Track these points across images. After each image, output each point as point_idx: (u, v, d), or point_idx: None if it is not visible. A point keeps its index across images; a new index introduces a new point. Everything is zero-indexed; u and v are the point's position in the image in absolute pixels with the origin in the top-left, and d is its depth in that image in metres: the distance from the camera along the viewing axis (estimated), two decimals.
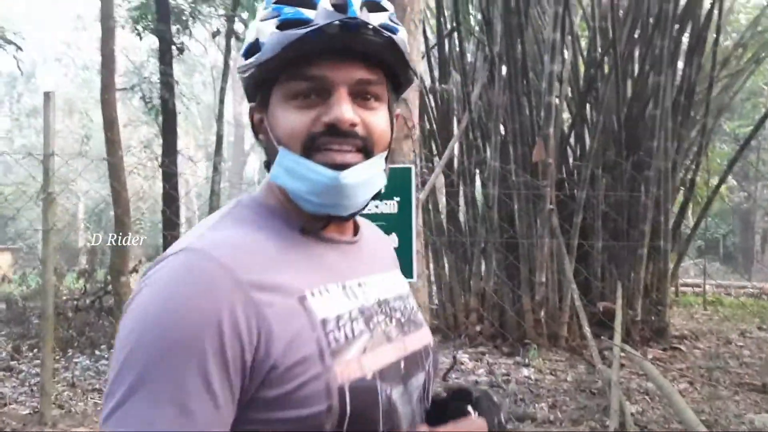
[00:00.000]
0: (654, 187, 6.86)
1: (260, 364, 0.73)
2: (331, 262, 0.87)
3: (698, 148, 8.02)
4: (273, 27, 0.81)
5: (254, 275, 0.76)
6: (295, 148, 0.82)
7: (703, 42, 7.42)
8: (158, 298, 0.73)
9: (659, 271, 7.24)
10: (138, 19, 8.21)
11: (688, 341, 7.38)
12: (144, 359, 0.69)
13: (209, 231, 0.81)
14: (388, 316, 0.89)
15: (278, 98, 0.84)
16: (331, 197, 0.83)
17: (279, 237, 0.84)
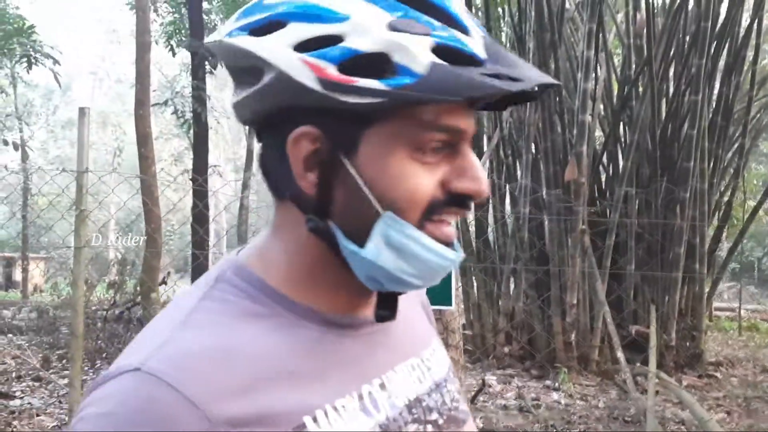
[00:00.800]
0: (690, 209, 6.70)
1: None
2: (346, 359, 0.65)
3: (735, 169, 7.84)
4: (428, 52, 0.56)
5: (232, 405, 0.55)
6: (411, 218, 0.60)
7: (742, 61, 7.27)
8: None
9: (694, 295, 7.06)
10: (171, 34, 8.33)
11: (724, 368, 7.16)
12: None
13: (177, 331, 0.58)
14: (422, 423, 0.68)
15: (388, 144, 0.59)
16: (435, 280, 0.63)
17: (276, 333, 0.61)
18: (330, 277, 0.65)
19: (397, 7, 0.58)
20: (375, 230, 0.60)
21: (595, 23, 6.41)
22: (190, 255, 7.50)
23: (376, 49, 0.56)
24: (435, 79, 0.55)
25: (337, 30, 0.57)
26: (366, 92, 0.56)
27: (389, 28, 0.56)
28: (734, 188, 7.83)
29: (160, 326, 0.61)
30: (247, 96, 0.63)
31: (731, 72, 7.14)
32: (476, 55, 0.58)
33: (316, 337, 0.63)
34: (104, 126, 25.95)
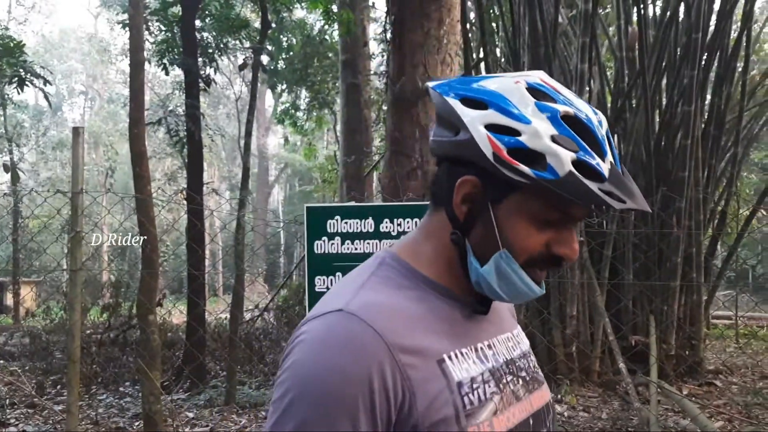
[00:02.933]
0: (686, 218, 6.74)
1: (404, 422, 0.81)
2: (465, 326, 0.94)
3: (728, 178, 7.90)
4: (570, 164, 0.82)
5: (401, 339, 0.83)
6: (518, 259, 0.88)
7: (732, 72, 7.36)
8: (317, 357, 0.81)
9: (692, 303, 7.08)
10: (164, 52, 8.32)
11: (723, 376, 7.16)
12: (304, 409, 0.79)
13: (359, 291, 0.88)
14: (515, 376, 0.96)
15: (520, 208, 0.87)
16: (520, 300, 0.92)
17: (421, 301, 0.90)
18: (459, 272, 0.93)
19: (562, 126, 0.84)
20: (493, 259, 0.88)
21: (588, 37, 6.47)
22: (186, 275, 7.44)
23: (538, 149, 0.83)
24: (567, 183, 0.81)
25: (518, 127, 0.84)
26: (521, 174, 0.83)
27: (551, 140, 0.83)
28: (728, 197, 7.88)
29: (343, 289, 0.90)
30: (444, 140, 0.91)
31: (722, 82, 7.22)
32: (602, 173, 0.83)
33: (448, 308, 0.92)
34: (96, 146, 25.84)
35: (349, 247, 2.79)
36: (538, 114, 0.84)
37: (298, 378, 0.81)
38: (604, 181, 0.83)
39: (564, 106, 0.85)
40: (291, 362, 0.83)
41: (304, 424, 0.79)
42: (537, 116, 0.84)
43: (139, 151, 4.60)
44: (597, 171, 0.82)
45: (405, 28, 3.28)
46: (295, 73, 11.10)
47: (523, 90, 0.86)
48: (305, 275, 2.79)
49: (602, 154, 0.84)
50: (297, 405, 0.80)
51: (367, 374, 0.79)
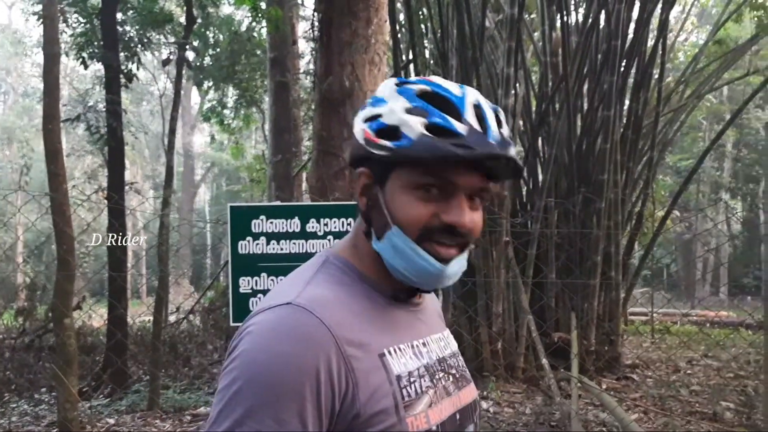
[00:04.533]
0: (605, 219, 6.99)
1: (346, 412, 0.85)
2: (403, 323, 0.99)
3: (645, 180, 8.25)
4: (422, 127, 0.88)
5: (346, 332, 0.88)
6: (411, 234, 0.91)
7: (649, 78, 7.69)
8: (266, 346, 0.84)
9: (611, 301, 7.35)
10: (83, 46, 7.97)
11: (640, 370, 7.48)
12: (252, 398, 0.81)
13: (306, 287, 0.92)
14: (446, 373, 1.02)
15: (401, 182, 0.92)
16: (430, 282, 0.95)
17: (363, 298, 0.96)
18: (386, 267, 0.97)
19: (414, 99, 0.92)
20: (386, 236, 0.94)
21: (514, 41, 6.62)
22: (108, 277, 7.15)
23: (394, 123, 0.91)
24: (419, 144, 0.88)
25: (379, 110, 0.94)
26: (384, 148, 0.91)
27: (405, 112, 0.91)
28: (645, 199, 8.23)
29: (290, 285, 0.94)
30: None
31: (640, 88, 7.53)
32: (456, 130, 0.88)
33: (384, 305, 0.98)
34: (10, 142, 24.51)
35: (275, 248, 2.73)
36: (395, 96, 0.94)
37: (247, 366, 0.83)
38: (459, 137, 0.88)
39: (422, 85, 0.94)
40: (239, 352, 0.85)
41: (251, 410, 0.81)
42: (394, 97, 0.93)
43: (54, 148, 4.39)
44: (449, 129, 0.88)
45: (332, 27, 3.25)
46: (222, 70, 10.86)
47: (390, 84, 0.97)
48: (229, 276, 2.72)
49: (459, 117, 0.90)
50: (244, 392, 0.82)
51: (315, 364, 0.83)
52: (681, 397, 6.27)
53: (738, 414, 5.57)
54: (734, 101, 16.71)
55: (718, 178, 18.93)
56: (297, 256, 2.69)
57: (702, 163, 9.10)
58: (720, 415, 5.56)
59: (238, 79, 10.97)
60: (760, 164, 17.81)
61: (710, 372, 7.70)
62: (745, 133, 17.77)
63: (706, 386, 6.82)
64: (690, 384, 6.91)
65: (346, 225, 2.72)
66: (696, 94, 9.12)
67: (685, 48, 13.88)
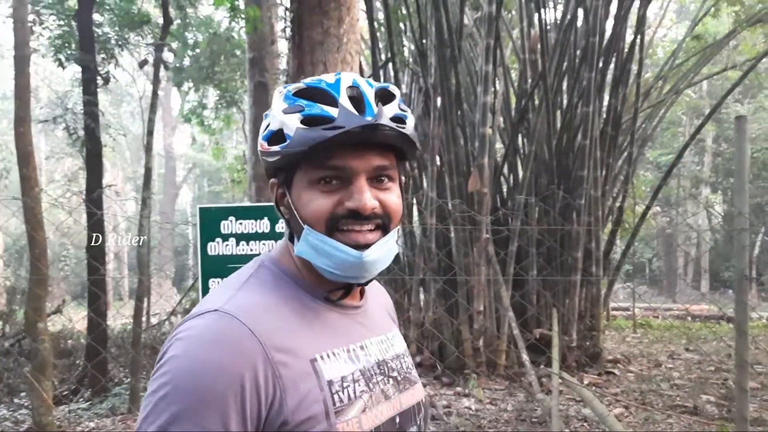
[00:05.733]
0: (585, 215, 7.02)
1: (273, 419, 0.84)
2: (339, 326, 0.98)
3: (625, 176, 8.30)
4: (298, 122, 0.90)
5: (275, 338, 0.87)
6: (320, 228, 0.92)
7: (627, 74, 7.72)
8: (192, 353, 0.83)
9: (592, 296, 7.39)
10: (60, 47, 7.88)
11: (621, 365, 7.53)
12: (176, 404, 0.80)
13: (237, 292, 0.92)
14: (386, 376, 1.00)
15: (302, 181, 0.94)
16: (355, 272, 0.94)
17: (296, 302, 0.95)
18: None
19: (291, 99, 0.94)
20: (302, 238, 0.95)
21: (493, 39, 6.62)
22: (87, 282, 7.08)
23: (278, 127, 0.93)
24: (296, 138, 0.90)
25: (267, 121, 0.97)
26: (273, 154, 0.94)
27: (283, 113, 0.93)
28: (625, 194, 8.27)
29: (223, 291, 0.93)
30: None
31: (618, 85, 7.57)
32: (328, 115, 0.90)
33: (319, 309, 0.97)
34: None
35: (245, 249, 2.72)
36: (277, 101, 0.96)
37: (173, 373, 0.83)
38: (332, 121, 0.89)
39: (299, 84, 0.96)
40: (167, 358, 0.85)
41: (174, 418, 0.80)
42: (276, 103, 0.96)
43: (26, 151, 4.33)
44: (323, 116, 0.90)
45: (304, 26, 3.23)
46: (201, 71, 10.78)
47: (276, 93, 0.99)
48: (199, 278, 2.70)
49: (333, 103, 0.91)
50: (170, 398, 0.81)
51: (239, 371, 0.82)
52: (662, 392, 6.31)
53: (719, 407, 5.62)
54: (713, 96, 16.87)
55: (698, 173, 19.12)
56: None
57: (682, 158, 9.17)
58: (701, 409, 5.60)
59: (218, 80, 10.89)
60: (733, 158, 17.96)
61: (691, 366, 7.76)
62: (725, 127, 17.95)
63: (687, 380, 6.88)
64: (671, 378, 6.96)
65: None
66: (675, 90, 9.18)
67: (664, 44, 13.99)
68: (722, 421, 5.23)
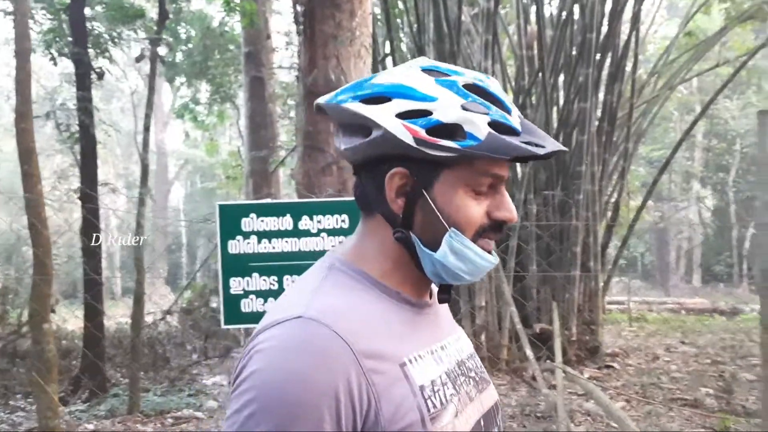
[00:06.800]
0: (583, 210, 7.05)
1: (370, 429, 0.80)
2: (420, 327, 0.93)
3: (620, 171, 8.33)
4: (486, 125, 0.84)
5: (363, 343, 0.82)
6: (468, 234, 0.88)
7: (623, 71, 7.76)
8: (280, 365, 0.78)
9: (590, 290, 7.43)
10: (51, 42, 7.78)
11: (620, 359, 7.57)
12: (267, 422, 0.76)
13: (315, 296, 0.86)
14: (467, 377, 0.96)
15: (455, 183, 0.87)
16: (479, 276, 0.92)
17: (376, 304, 0.89)
18: (407, 271, 0.92)
19: (466, 94, 0.86)
20: (444, 241, 0.88)
21: (491, 35, 6.62)
22: (83, 279, 6.99)
23: (453, 121, 0.85)
24: (490, 143, 0.84)
25: (428, 107, 0.85)
26: (445, 149, 0.85)
27: (462, 109, 0.85)
28: (621, 189, 8.31)
29: (296, 296, 0.87)
30: (357, 145, 0.89)
31: (614, 81, 7.60)
32: (516, 128, 0.87)
33: (400, 310, 0.91)
34: None
35: (266, 246, 2.65)
36: (441, 89, 0.87)
37: (260, 388, 0.78)
38: (519, 134, 0.87)
39: (460, 76, 0.89)
40: (250, 372, 0.79)
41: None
42: (441, 92, 0.86)
43: (28, 147, 4.27)
44: (510, 126, 0.87)
45: (315, 20, 3.21)
46: (194, 65, 10.69)
47: (419, 73, 0.89)
48: (219, 277, 2.64)
49: (508, 111, 0.88)
50: (259, 416, 0.76)
51: (333, 382, 0.77)
52: (662, 385, 6.36)
53: (718, 399, 5.67)
54: (704, 92, 17.00)
55: (689, 168, 19.28)
56: (289, 254, 2.62)
57: (675, 154, 9.23)
58: (700, 402, 5.65)
59: (211, 75, 10.81)
60: (731, 153, 18.16)
61: (688, 358, 7.82)
62: (715, 123, 18.10)
63: (685, 373, 6.93)
64: (669, 371, 7.01)
65: (340, 222, 2.65)
66: (668, 86, 9.23)
67: (656, 40, 14.06)
68: (722, 413, 5.28)
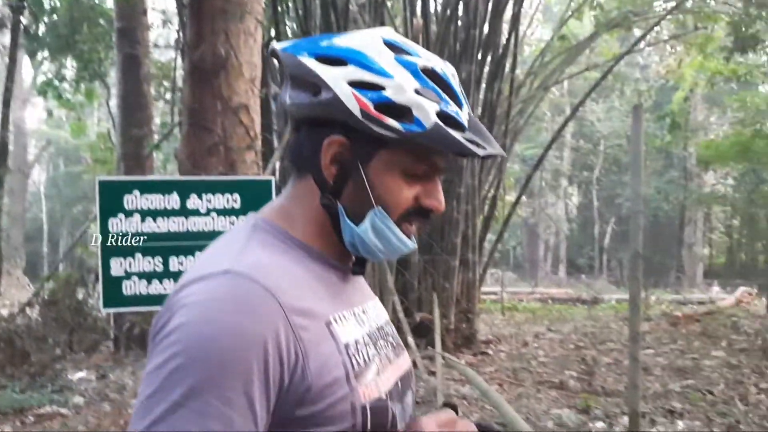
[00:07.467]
0: (464, 203, 7.28)
1: (297, 385, 0.79)
2: (343, 290, 0.94)
3: (498, 167, 8.69)
4: (435, 115, 0.84)
5: (291, 300, 0.80)
6: (393, 216, 0.88)
7: (502, 69, 8.07)
8: (210, 317, 0.75)
9: (468, 281, 7.69)
10: None
11: (493, 345, 7.93)
12: (194, 375, 0.73)
13: (242, 253, 0.84)
14: (386, 341, 0.97)
15: (390, 163, 0.88)
16: (395, 256, 0.95)
17: (302, 265, 0.88)
18: (330, 236, 0.92)
19: (423, 79, 0.85)
20: (368, 217, 0.88)
21: (378, 25, 6.65)
22: None
23: (404, 103, 0.84)
24: (435, 134, 0.83)
25: (382, 82, 0.84)
26: (389, 128, 0.84)
27: (415, 92, 0.84)
28: (498, 184, 8.67)
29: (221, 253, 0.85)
30: (303, 102, 0.88)
31: (494, 79, 7.89)
32: (463, 123, 0.86)
33: (322, 272, 0.91)
34: None
35: (151, 226, 2.48)
36: (399, 68, 0.85)
37: (187, 341, 0.74)
38: (465, 131, 0.86)
39: (421, 59, 0.87)
40: (175, 326, 0.76)
41: (191, 391, 0.72)
42: (398, 70, 0.85)
43: None
44: (458, 121, 0.86)
45: None
46: (59, 39, 9.89)
47: (381, 45, 0.87)
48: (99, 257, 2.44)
49: (459, 105, 0.88)
50: (186, 370, 0.73)
51: (262, 334, 0.76)
52: (531, 369, 6.73)
53: (580, 381, 6.08)
54: (573, 94, 18.16)
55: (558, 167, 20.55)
56: (177, 235, 2.45)
57: (547, 152, 9.77)
58: (566, 383, 6.03)
59: (79, 50, 10.05)
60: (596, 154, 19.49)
61: (554, 344, 8.33)
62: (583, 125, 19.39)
63: (551, 358, 7.37)
64: (537, 356, 7.43)
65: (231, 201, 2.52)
66: (542, 87, 9.73)
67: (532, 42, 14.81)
68: (584, 393, 5.67)
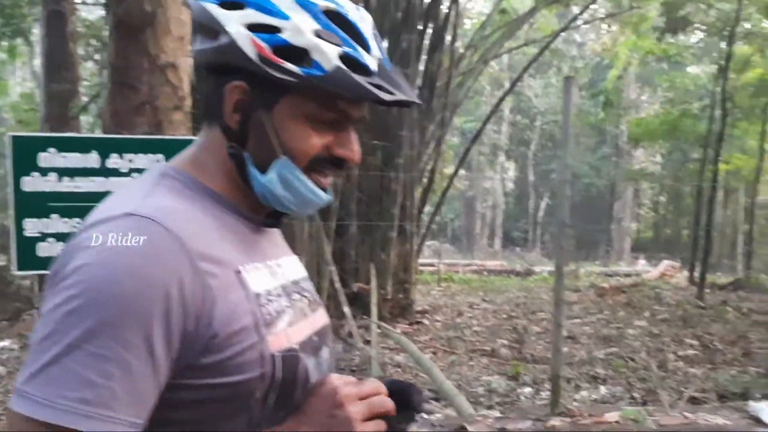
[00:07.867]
0: (402, 174, 7.30)
1: (202, 332, 0.76)
2: (257, 243, 0.92)
3: (437, 139, 8.74)
4: (337, 58, 0.81)
5: (198, 246, 0.78)
6: (300, 164, 0.86)
7: (443, 41, 8.08)
8: (109, 259, 0.73)
9: (405, 252, 7.76)
10: None
11: (429, 315, 8.07)
12: (92, 317, 0.70)
13: (148, 197, 0.81)
14: (301, 295, 0.95)
15: (295, 110, 0.84)
16: (306, 211, 0.93)
17: (212, 213, 0.86)
18: (241, 187, 0.89)
19: (324, 21, 0.82)
20: (273, 166, 0.85)
21: None
22: None
23: (302, 45, 0.81)
24: (336, 77, 0.80)
25: (279, 24, 0.81)
26: (287, 72, 0.80)
27: (314, 34, 0.81)
28: (437, 157, 8.73)
29: (125, 198, 0.82)
30: (205, 48, 0.86)
31: (435, 50, 7.89)
32: (369, 67, 0.83)
33: (234, 222, 0.89)
34: None
35: (69, 185, 2.37)
36: (297, 9, 0.82)
37: (86, 283, 0.72)
38: (371, 75, 0.83)
39: (324, 1, 0.84)
40: (75, 267, 0.73)
41: (88, 333, 0.70)
42: (297, 11, 0.82)
43: None
44: (363, 64, 0.83)
45: None
46: None
47: None
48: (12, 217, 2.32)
49: (367, 49, 0.85)
50: (83, 311, 0.71)
51: (164, 278, 0.74)
52: (465, 338, 6.89)
53: (511, 350, 6.27)
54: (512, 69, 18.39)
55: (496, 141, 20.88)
56: (96, 195, 2.33)
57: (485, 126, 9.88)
58: (497, 351, 6.21)
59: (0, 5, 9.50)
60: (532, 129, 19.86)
61: (488, 314, 8.54)
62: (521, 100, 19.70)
63: (485, 327, 7.57)
64: (471, 326, 7.61)
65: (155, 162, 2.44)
66: (482, 60, 9.79)
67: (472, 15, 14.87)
68: (515, 361, 5.86)
